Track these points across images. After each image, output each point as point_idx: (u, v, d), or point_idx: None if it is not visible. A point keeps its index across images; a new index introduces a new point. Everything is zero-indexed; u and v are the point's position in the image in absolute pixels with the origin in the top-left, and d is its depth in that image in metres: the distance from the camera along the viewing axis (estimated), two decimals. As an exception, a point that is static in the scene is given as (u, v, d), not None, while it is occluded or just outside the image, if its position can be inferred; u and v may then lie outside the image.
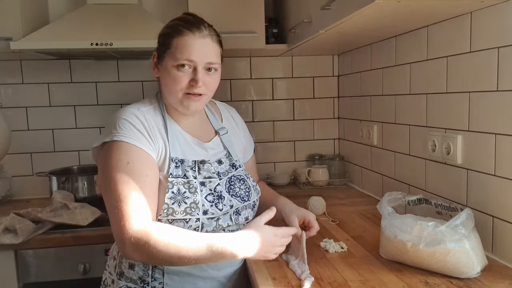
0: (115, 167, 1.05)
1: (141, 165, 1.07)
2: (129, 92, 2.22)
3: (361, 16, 1.23)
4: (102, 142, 1.10)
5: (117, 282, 1.18)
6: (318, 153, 2.39)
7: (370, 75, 1.95)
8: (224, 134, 1.28)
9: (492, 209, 1.18)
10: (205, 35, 1.13)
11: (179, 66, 1.11)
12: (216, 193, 1.15)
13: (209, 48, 1.14)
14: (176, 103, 1.15)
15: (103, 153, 1.10)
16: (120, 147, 1.07)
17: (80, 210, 1.72)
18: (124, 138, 1.07)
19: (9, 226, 1.57)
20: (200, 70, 1.12)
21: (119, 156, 1.06)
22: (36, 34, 1.79)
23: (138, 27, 1.86)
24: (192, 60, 1.11)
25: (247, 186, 1.23)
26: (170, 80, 1.13)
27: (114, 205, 1.03)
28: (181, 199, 1.09)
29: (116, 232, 1.03)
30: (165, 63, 1.13)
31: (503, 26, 1.11)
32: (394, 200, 1.24)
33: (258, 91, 2.36)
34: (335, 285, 1.04)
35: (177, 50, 1.11)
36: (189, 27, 1.12)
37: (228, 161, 1.24)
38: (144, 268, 1.14)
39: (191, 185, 1.12)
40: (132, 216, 1.01)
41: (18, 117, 2.16)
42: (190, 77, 1.12)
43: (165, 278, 1.14)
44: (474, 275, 1.04)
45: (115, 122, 1.10)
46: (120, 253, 1.19)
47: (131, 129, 1.09)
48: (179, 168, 1.13)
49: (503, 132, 1.13)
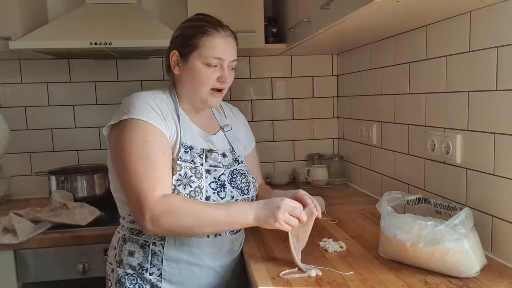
0: (133, 144, 1.10)
1: (158, 143, 1.12)
2: (128, 92, 2.15)
3: (361, 15, 1.23)
4: (119, 120, 1.12)
5: (116, 270, 1.21)
6: (318, 153, 2.39)
7: (369, 74, 1.95)
8: (229, 131, 1.35)
9: (491, 208, 1.19)
10: (228, 35, 1.22)
11: (209, 65, 1.18)
12: (220, 182, 1.20)
13: (233, 46, 1.23)
14: (198, 98, 1.22)
15: (118, 131, 1.13)
16: (138, 125, 1.11)
17: (79, 210, 1.72)
18: (141, 117, 1.11)
19: (8, 226, 1.57)
20: (226, 68, 1.20)
21: (136, 134, 1.11)
22: (35, 34, 1.79)
23: (137, 26, 1.86)
24: (222, 58, 1.19)
25: (248, 181, 1.28)
26: (199, 78, 1.19)
27: (132, 181, 1.08)
28: (186, 182, 1.14)
29: (136, 205, 1.07)
30: (192, 62, 1.19)
31: (502, 25, 1.11)
32: (393, 199, 1.24)
33: (257, 90, 2.36)
34: (334, 284, 1.04)
35: (206, 49, 1.17)
36: (215, 27, 1.19)
37: (232, 155, 1.30)
38: (144, 254, 1.19)
39: (197, 171, 1.17)
40: (151, 189, 1.06)
41: (17, 117, 2.16)
42: (217, 74, 1.19)
43: (163, 264, 1.18)
44: (473, 274, 1.04)
45: (132, 103, 1.15)
46: (120, 242, 1.23)
47: (148, 109, 1.14)
48: (188, 154, 1.18)
49: (502, 132, 1.13)
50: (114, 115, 1.16)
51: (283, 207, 1.08)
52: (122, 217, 1.26)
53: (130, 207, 1.11)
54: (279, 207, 1.08)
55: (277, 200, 1.10)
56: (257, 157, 1.48)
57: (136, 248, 1.20)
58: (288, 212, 1.08)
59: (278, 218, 1.07)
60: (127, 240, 1.21)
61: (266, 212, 1.09)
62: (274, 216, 1.07)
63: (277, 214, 1.07)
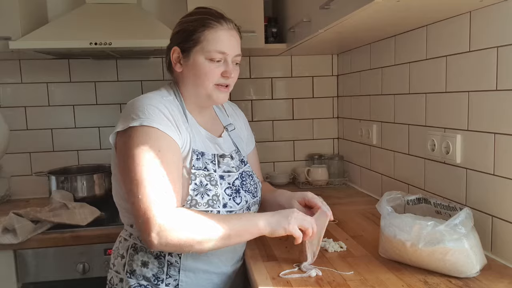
0: (144, 153, 1.01)
1: (172, 153, 1.05)
2: (128, 92, 2.21)
3: (361, 15, 1.23)
4: (128, 127, 1.03)
5: (126, 280, 1.15)
6: (318, 153, 2.39)
7: (369, 74, 1.95)
8: (232, 130, 1.30)
9: (491, 208, 1.19)
10: (231, 27, 1.16)
11: (212, 59, 1.12)
12: (234, 187, 1.16)
13: (237, 40, 1.17)
14: (203, 95, 1.16)
15: (128, 138, 1.03)
16: (151, 132, 1.02)
17: (79, 210, 1.72)
18: (154, 124, 1.03)
19: (8, 226, 1.57)
20: (230, 62, 1.14)
21: (149, 142, 1.02)
22: (35, 34, 1.79)
23: (137, 26, 1.86)
24: (225, 52, 1.13)
25: (255, 182, 1.25)
26: (202, 73, 1.13)
27: (141, 193, 0.99)
28: (203, 191, 1.09)
29: (143, 219, 0.99)
30: (194, 58, 1.13)
31: (502, 25, 1.11)
32: (393, 199, 1.24)
33: (257, 90, 2.36)
34: (334, 284, 1.04)
35: (209, 43, 1.11)
36: (217, 19, 1.13)
37: (238, 157, 1.26)
38: (159, 265, 1.14)
39: (212, 178, 1.12)
40: (160, 203, 0.99)
41: (17, 117, 2.16)
42: (221, 69, 1.13)
43: (180, 275, 1.14)
44: (473, 274, 1.04)
45: (142, 107, 1.05)
46: (129, 252, 1.16)
47: (160, 116, 1.05)
48: (200, 161, 1.12)
49: (502, 132, 1.13)
50: (121, 120, 1.06)
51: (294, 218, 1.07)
52: (130, 225, 1.18)
53: (136, 221, 1.02)
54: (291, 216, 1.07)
55: (287, 211, 1.10)
56: (257, 155, 1.45)
57: (150, 258, 1.13)
58: (298, 225, 1.07)
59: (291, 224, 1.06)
60: (139, 250, 1.14)
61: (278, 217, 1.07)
62: (288, 221, 1.06)
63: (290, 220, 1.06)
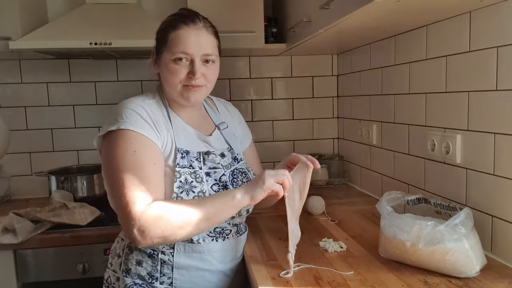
0: (121, 155, 1.06)
1: (148, 153, 1.08)
2: (128, 92, 2.17)
3: (361, 15, 1.23)
4: (107, 131, 1.09)
5: (122, 279, 1.18)
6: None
7: (369, 74, 1.95)
8: (225, 129, 1.31)
9: (491, 208, 1.19)
10: (200, 27, 1.15)
11: (176, 60, 1.13)
12: (221, 183, 1.18)
13: (205, 39, 1.16)
14: (176, 96, 1.18)
15: (107, 142, 1.09)
16: (127, 135, 1.07)
17: (79, 209, 1.72)
18: (130, 127, 1.08)
19: (8, 226, 1.57)
20: (198, 62, 1.14)
21: (125, 144, 1.07)
22: (35, 34, 1.79)
23: (137, 26, 1.86)
24: (188, 52, 1.13)
25: (249, 179, 1.26)
26: (168, 74, 1.15)
27: (120, 193, 1.03)
28: (189, 188, 1.11)
29: (124, 218, 1.03)
30: (163, 58, 1.16)
31: (502, 25, 1.11)
32: (393, 199, 1.24)
33: (257, 90, 2.36)
34: (334, 284, 1.03)
35: (173, 44, 1.13)
36: (183, 20, 1.14)
37: (230, 154, 1.27)
38: (153, 264, 1.16)
39: (197, 175, 1.14)
40: (138, 201, 1.02)
41: (17, 117, 2.16)
42: (187, 69, 1.14)
43: (174, 273, 1.16)
44: (473, 274, 1.04)
45: (120, 112, 1.10)
46: (125, 251, 1.19)
47: (137, 118, 1.10)
48: (185, 159, 1.15)
49: (502, 132, 1.13)
50: (104, 125, 1.12)
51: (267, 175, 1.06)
52: None
53: (120, 221, 1.07)
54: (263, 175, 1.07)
55: (258, 174, 1.10)
56: (255, 151, 1.44)
57: (143, 257, 1.16)
58: (273, 179, 1.06)
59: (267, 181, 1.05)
60: (134, 249, 1.17)
61: (252, 182, 1.08)
62: (262, 180, 1.05)
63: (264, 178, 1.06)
